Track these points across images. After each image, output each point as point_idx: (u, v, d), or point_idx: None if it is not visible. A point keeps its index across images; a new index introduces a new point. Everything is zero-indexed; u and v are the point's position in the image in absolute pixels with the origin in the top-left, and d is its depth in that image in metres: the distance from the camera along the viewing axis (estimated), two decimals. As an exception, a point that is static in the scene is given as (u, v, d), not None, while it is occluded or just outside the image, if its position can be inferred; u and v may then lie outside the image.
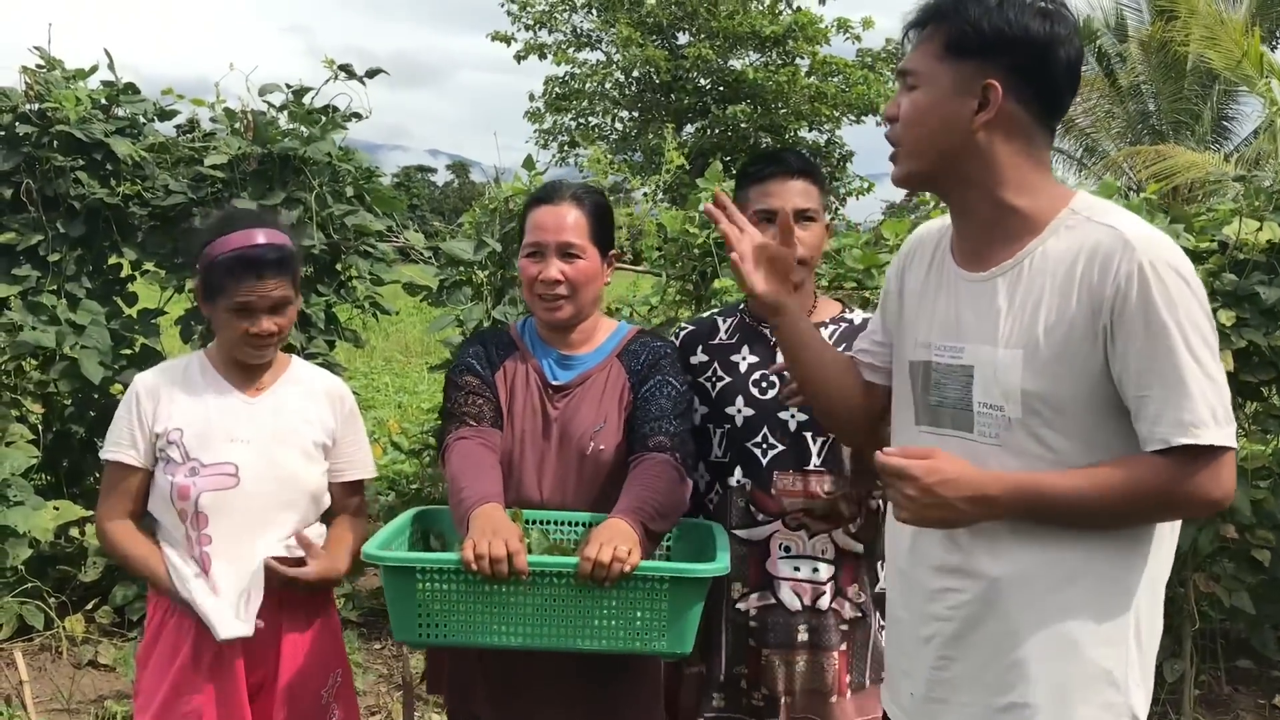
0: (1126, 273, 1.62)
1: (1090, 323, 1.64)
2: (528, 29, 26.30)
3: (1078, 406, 1.67)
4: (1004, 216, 1.76)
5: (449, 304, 4.27)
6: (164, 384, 2.40)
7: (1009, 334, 1.71)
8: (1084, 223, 1.71)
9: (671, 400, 2.33)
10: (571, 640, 2.02)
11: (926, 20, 1.78)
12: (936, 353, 1.82)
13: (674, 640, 2.02)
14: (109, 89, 4.58)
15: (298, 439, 2.41)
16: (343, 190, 4.58)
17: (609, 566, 1.93)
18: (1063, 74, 1.73)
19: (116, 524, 2.40)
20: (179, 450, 2.33)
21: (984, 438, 1.73)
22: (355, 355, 11.16)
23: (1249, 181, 4.05)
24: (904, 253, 2.04)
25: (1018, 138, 1.74)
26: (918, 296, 1.93)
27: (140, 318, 4.64)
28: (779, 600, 2.41)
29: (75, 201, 4.41)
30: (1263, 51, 12.16)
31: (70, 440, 4.80)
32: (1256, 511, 3.88)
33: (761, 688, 2.42)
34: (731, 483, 2.43)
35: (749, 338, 2.51)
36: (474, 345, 2.47)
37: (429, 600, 2.02)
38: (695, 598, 2.02)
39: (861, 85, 24.99)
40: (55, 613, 4.31)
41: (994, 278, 1.76)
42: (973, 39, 1.71)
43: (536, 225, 2.35)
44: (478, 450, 2.27)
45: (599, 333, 2.45)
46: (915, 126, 1.77)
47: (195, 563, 2.32)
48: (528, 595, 2.00)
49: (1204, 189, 12.43)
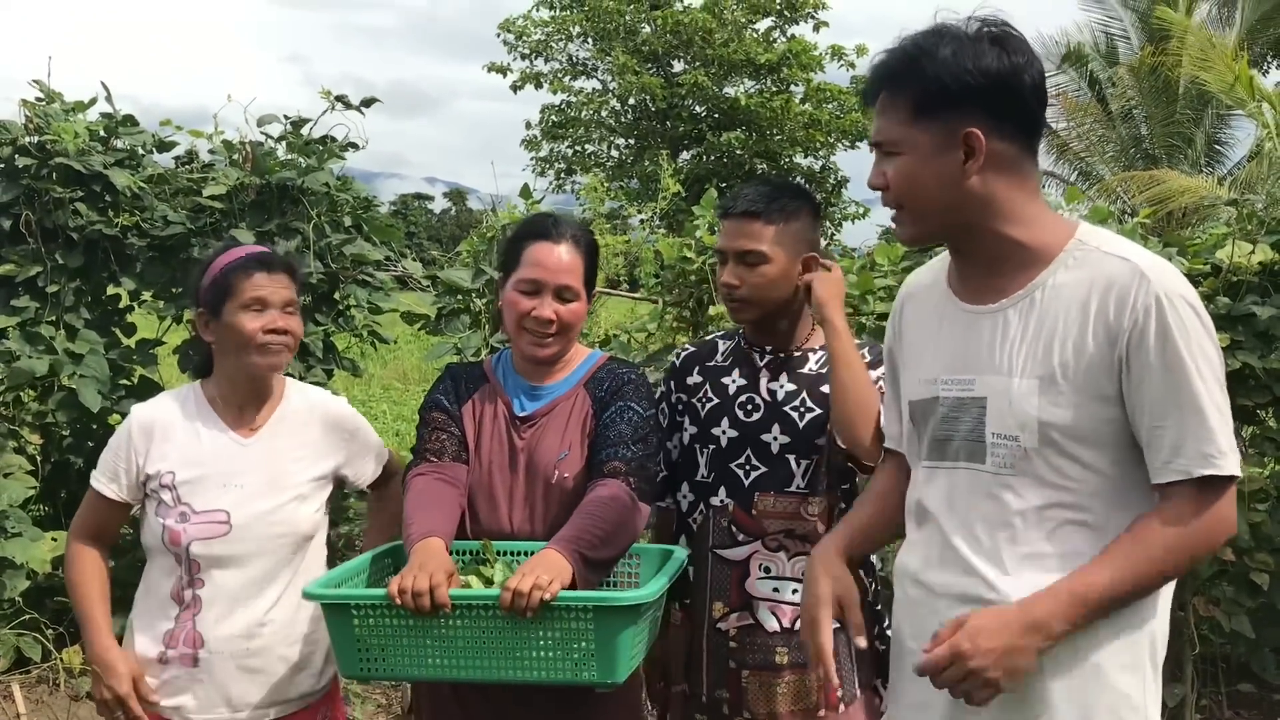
0: (1144, 305, 1.63)
1: (1107, 353, 1.66)
2: (524, 58, 26.49)
3: (1094, 437, 1.68)
4: (1010, 251, 1.77)
5: (447, 332, 4.29)
6: (158, 421, 2.38)
7: (1024, 364, 1.71)
8: (1093, 253, 1.72)
9: (631, 425, 2.33)
10: (505, 672, 2.02)
11: (882, 89, 1.78)
12: (944, 387, 1.82)
13: (603, 670, 2.00)
14: (108, 121, 4.60)
15: (291, 480, 2.39)
16: (341, 220, 4.59)
17: (528, 596, 1.93)
18: (1032, 97, 1.75)
19: (82, 548, 2.40)
20: (171, 494, 2.32)
21: (998, 468, 1.73)
22: (353, 384, 11.15)
23: (1241, 205, 4.07)
24: (896, 307, 2.04)
25: (1009, 171, 1.76)
26: (917, 336, 1.93)
27: (139, 348, 4.64)
28: (757, 620, 2.43)
29: (74, 232, 4.42)
30: (1252, 75, 12.23)
31: (68, 471, 4.78)
32: (1255, 535, 3.88)
33: (744, 711, 2.44)
34: (715, 502, 2.47)
35: (740, 360, 2.55)
36: (444, 381, 2.48)
37: (367, 635, 2.05)
38: (622, 626, 1.99)
39: (856, 112, 25.12)
40: (53, 644, 4.29)
41: (1004, 309, 1.77)
42: (938, 97, 1.71)
43: (536, 262, 2.35)
44: (432, 486, 2.29)
45: (572, 362, 2.47)
46: (910, 192, 1.78)
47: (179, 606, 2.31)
48: (460, 628, 2.01)
49: (1197, 213, 12.49)
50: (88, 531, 2.42)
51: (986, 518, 1.75)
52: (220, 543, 2.29)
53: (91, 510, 2.41)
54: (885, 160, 1.80)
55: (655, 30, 25.36)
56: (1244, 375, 3.80)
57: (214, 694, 2.30)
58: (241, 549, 2.31)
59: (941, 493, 1.83)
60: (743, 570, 2.45)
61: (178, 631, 2.31)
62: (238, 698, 2.31)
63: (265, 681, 2.33)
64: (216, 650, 2.30)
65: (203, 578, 2.30)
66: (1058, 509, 1.71)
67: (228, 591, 2.31)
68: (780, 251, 2.41)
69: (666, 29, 24.95)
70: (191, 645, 2.30)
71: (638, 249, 4.98)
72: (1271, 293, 3.83)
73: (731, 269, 2.43)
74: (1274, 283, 3.86)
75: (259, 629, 2.32)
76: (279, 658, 2.34)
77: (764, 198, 2.43)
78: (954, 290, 1.87)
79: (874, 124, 1.81)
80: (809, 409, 2.44)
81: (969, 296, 1.83)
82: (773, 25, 26.33)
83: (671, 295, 4.38)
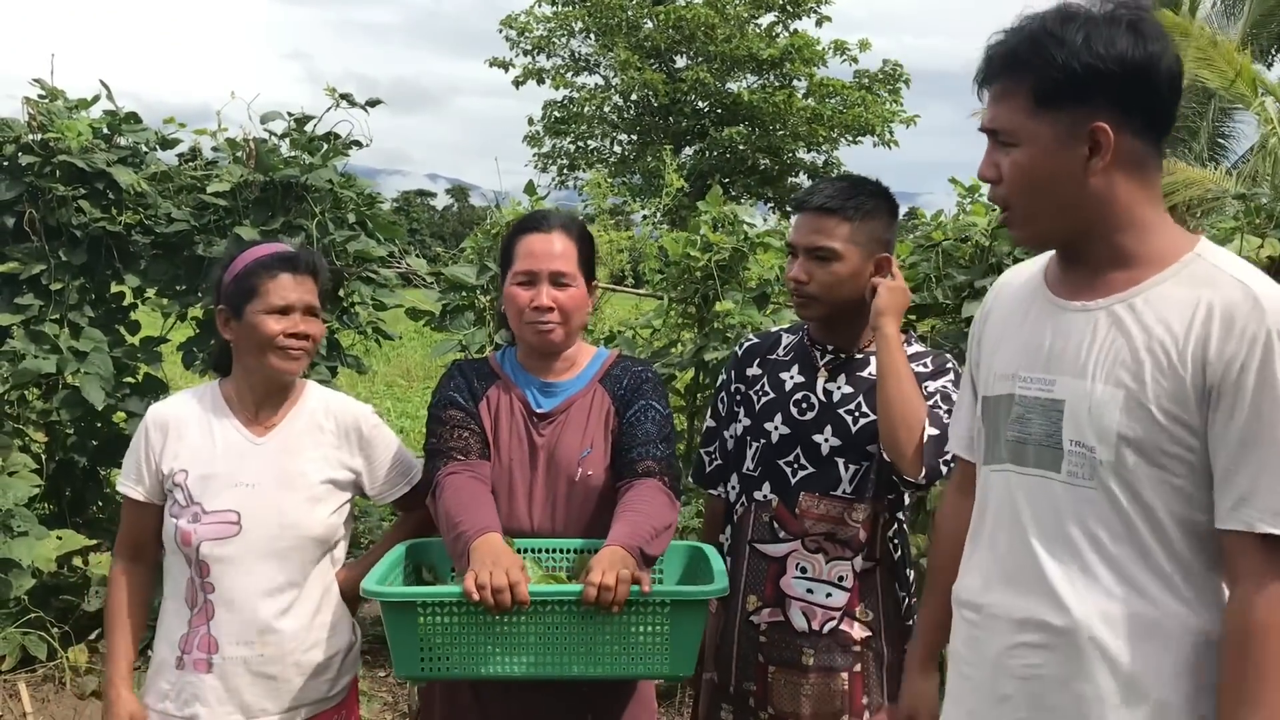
0: (1252, 336, 1.51)
1: (1200, 377, 1.54)
2: (526, 54, 26.47)
3: (1171, 460, 1.57)
4: (1125, 255, 1.64)
5: (452, 329, 4.28)
6: (174, 418, 2.36)
7: (1110, 370, 1.59)
8: (1211, 270, 1.59)
9: (656, 425, 2.34)
10: (574, 668, 2.01)
11: (1001, 73, 1.65)
12: (1022, 385, 1.70)
13: (677, 663, 2.02)
14: (111, 118, 4.60)
15: (304, 482, 2.34)
16: (344, 216, 4.59)
17: (615, 590, 1.93)
18: (1167, 89, 1.61)
19: (119, 573, 2.39)
20: (183, 493, 2.28)
21: (1072, 479, 1.63)
22: (357, 381, 11.15)
23: (1249, 199, 4.05)
24: (987, 300, 1.93)
25: (1135, 172, 1.62)
26: (1000, 329, 1.81)
27: (143, 346, 4.64)
28: (788, 618, 2.42)
29: (77, 230, 4.42)
30: (1255, 71, 12.22)
31: (73, 469, 4.79)
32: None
33: (769, 706, 2.43)
34: (758, 497, 2.46)
35: (800, 357, 2.51)
36: (454, 378, 2.45)
37: (430, 634, 2.01)
38: (696, 619, 2.02)
39: (859, 107, 25.11)
40: (58, 643, 4.29)
41: (1100, 309, 1.64)
42: (1066, 86, 1.57)
43: (528, 253, 2.34)
44: (469, 484, 2.26)
45: (580, 359, 2.45)
46: (1025, 189, 1.65)
47: (192, 609, 2.29)
48: (529, 624, 2.00)
49: (1203, 206, 12.46)
50: (126, 547, 2.39)
51: (1054, 531, 1.65)
52: (230, 543, 2.25)
53: (127, 522, 2.38)
54: (999, 151, 1.67)
55: (657, 25, 25.34)
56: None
57: (227, 700, 2.27)
58: (252, 550, 2.26)
59: (1007, 500, 1.72)
60: (779, 567, 2.43)
61: (191, 636, 2.28)
62: (252, 704, 2.27)
63: (280, 688, 2.29)
64: (230, 656, 2.26)
65: (213, 581, 2.26)
66: (1131, 530, 1.59)
67: (239, 595, 2.26)
68: (854, 250, 2.36)
69: (669, 24, 24.93)
70: (205, 650, 2.27)
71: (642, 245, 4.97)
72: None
73: (802, 264, 2.38)
74: (1282, 276, 3.84)
75: (272, 635, 2.28)
76: (294, 664, 2.30)
77: (841, 193, 2.37)
78: (1049, 284, 1.75)
79: (988, 109, 1.68)
80: (863, 414, 2.39)
81: (1065, 291, 1.71)
82: (775, 20, 26.32)
83: (676, 291, 4.37)
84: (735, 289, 4.19)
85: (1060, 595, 1.62)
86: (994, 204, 1.74)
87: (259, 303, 2.28)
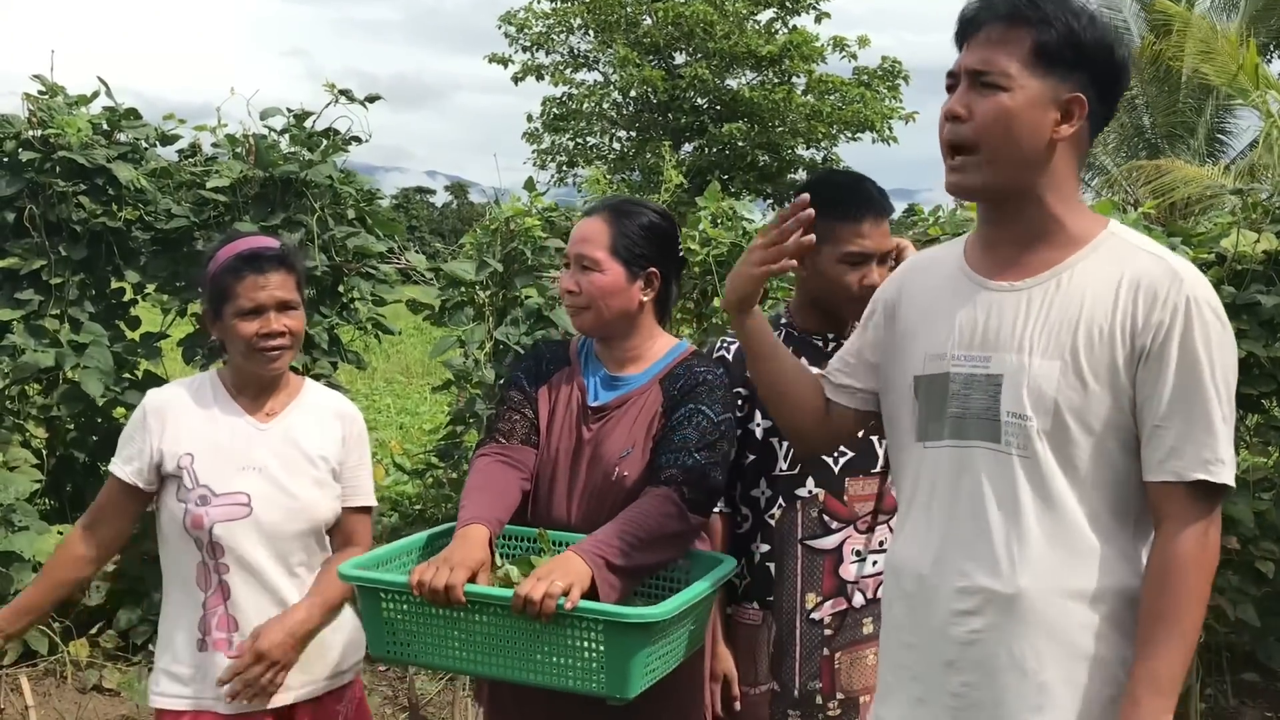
0: (1174, 304, 1.64)
1: (1129, 346, 1.66)
2: (525, 50, 26.40)
3: (1102, 427, 1.68)
4: (1051, 229, 1.75)
5: (451, 325, 4.29)
6: (173, 403, 2.38)
7: (1046, 344, 1.70)
8: (1124, 246, 1.73)
9: (699, 431, 2.24)
10: (517, 672, 2.01)
11: (1005, 20, 1.71)
12: (955, 364, 1.78)
13: (612, 683, 1.94)
14: (111, 114, 4.61)
15: (309, 467, 2.38)
16: (344, 213, 4.61)
17: (540, 603, 1.90)
18: (1121, 92, 1.78)
19: (71, 536, 2.38)
20: (189, 476, 2.30)
21: (1009, 448, 1.72)
22: (357, 377, 11.15)
23: (1246, 194, 4.07)
24: (900, 275, 2.01)
25: (1077, 152, 1.76)
26: (924, 311, 1.88)
27: (143, 341, 4.65)
28: (851, 605, 2.42)
29: (78, 226, 4.43)
30: (1258, 64, 12.21)
31: (74, 464, 4.80)
32: (1260, 524, 3.88)
33: (837, 693, 2.40)
34: (802, 494, 2.41)
35: (803, 349, 2.45)
36: (527, 360, 2.48)
37: (395, 620, 2.07)
38: (634, 642, 1.92)
39: (858, 103, 25.08)
40: (60, 637, 4.30)
41: (1029, 288, 1.75)
42: (1066, 51, 1.68)
43: (570, 237, 2.38)
44: (493, 468, 2.28)
45: (653, 352, 2.39)
46: (1000, 134, 1.70)
47: (206, 591, 2.30)
48: (480, 624, 2.00)
49: (1200, 203, 12.47)
50: (86, 518, 2.39)
51: (994, 499, 1.73)
52: (242, 525, 2.28)
53: (101, 496, 2.39)
54: (975, 92, 1.72)
55: (656, 22, 25.29)
56: (1248, 364, 3.81)
57: None
58: (263, 531, 2.30)
59: (945, 474, 1.79)
60: (836, 558, 2.41)
61: (209, 618, 2.31)
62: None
63: (300, 663, 2.33)
64: (250, 634, 2.29)
65: (227, 562, 2.29)
66: (1062, 495, 1.69)
67: (254, 574, 2.30)
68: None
69: (667, 21, 24.87)
70: (226, 630, 2.30)
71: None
72: (1276, 281, 3.84)
73: (877, 270, 2.37)
74: (1279, 271, 3.86)
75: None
76: (313, 640, 2.35)
77: (878, 194, 2.41)
78: (973, 266, 1.84)
79: (978, 51, 1.72)
80: None
81: (990, 273, 1.80)
82: (774, 17, 26.27)
83: (675, 287, 4.37)
84: (734, 284, 4.20)
85: (999, 561, 1.71)
86: (950, 141, 1.75)
87: (231, 306, 2.30)
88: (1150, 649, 1.64)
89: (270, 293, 2.29)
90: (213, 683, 2.29)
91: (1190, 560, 1.64)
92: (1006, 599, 1.70)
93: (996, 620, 1.71)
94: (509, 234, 4.32)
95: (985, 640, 1.73)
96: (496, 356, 4.24)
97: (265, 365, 2.33)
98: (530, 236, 4.28)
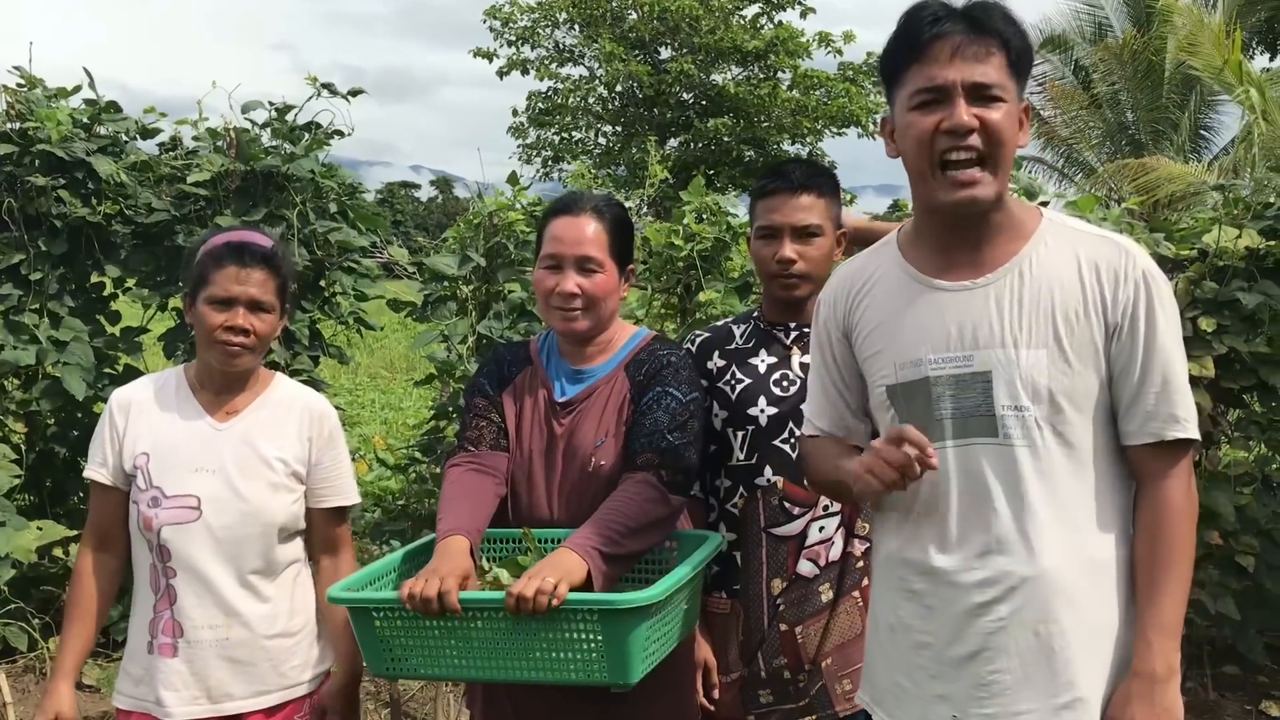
0: (1135, 280, 1.75)
1: (1104, 323, 1.75)
2: (510, 45, 26.33)
3: (1089, 403, 1.76)
4: (1005, 223, 1.82)
5: (434, 319, 4.27)
6: (137, 401, 2.34)
7: (1029, 335, 1.76)
8: (1064, 229, 1.83)
9: (669, 413, 2.26)
10: (520, 672, 2.02)
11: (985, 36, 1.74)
12: (934, 367, 1.80)
13: (614, 671, 1.97)
14: (91, 108, 4.57)
15: (264, 469, 2.31)
16: (326, 207, 4.58)
17: (532, 600, 1.91)
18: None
19: (82, 561, 2.35)
20: (143, 476, 2.27)
21: (1010, 440, 1.76)
22: (340, 372, 11.13)
23: (1228, 190, 4.08)
24: (834, 298, 1.99)
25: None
26: (880, 324, 1.89)
27: (123, 336, 4.62)
28: (798, 575, 2.41)
29: (57, 220, 4.39)
30: (1241, 60, 12.25)
31: (53, 460, 4.76)
32: (1240, 517, 3.90)
33: (804, 665, 2.40)
34: (761, 483, 2.44)
35: (764, 341, 2.54)
36: (488, 364, 2.46)
37: (390, 637, 2.06)
38: (631, 627, 1.95)
39: (843, 99, 25.10)
40: (39, 634, 4.27)
41: (992, 283, 1.79)
42: (1025, 64, 1.79)
43: (555, 236, 2.32)
44: (466, 477, 2.27)
45: (614, 343, 2.41)
46: (1009, 145, 1.77)
47: (155, 594, 2.28)
48: (476, 630, 2.01)
49: (1184, 200, 12.53)
50: (93, 535, 2.36)
51: (1001, 490, 1.76)
52: (190, 529, 2.24)
53: (93, 507, 2.36)
54: (984, 106, 1.74)
55: (642, 17, 25.25)
56: (1230, 360, 3.82)
57: (193, 684, 2.26)
58: (213, 535, 2.25)
59: (949, 472, 1.80)
60: (799, 542, 2.42)
61: (157, 621, 2.28)
62: (216, 688, 2.27)
63: (249, 672, 2.29)
64: (196, 640, 2.25)
65: (174, 566, 2.25)
66: (1064, 474, 1.76)
67: (200, 579, 2.25)
68: (829, 226, 2.47)
69: (653, 16, 24.84)
70: (171, 635, 2.26)
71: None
72: (1257, 277, 3.85)
73: (789, 244, 2.44)
74: (1260, 267, 3.87)
75: (239, 618, 2.28)
76: (261, 649, 2.30)
77: (809, 173, 2.47)
78: (920, 269, 1.86)
79: (964, 65, 1.72)
80: None
81: (941, 273, 1.84)
82: (759, 12, 26.26)
83: (660, 281, 4.37)
84: (718, 279, 4.20)
85: (1016, 548, 1.76)
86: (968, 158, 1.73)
87: (205, 291, 2.26)
88: (1153, 594, 1.74)
89: (246, 289, 2.25)
90: (157, 686, 2.26)
91: (1180, 509, 1.75)
92: (1029, 582, 1.75)
93: (1020, 604, 1.75)
94: (492, 228, 4.31)
95: (1010, 626, 1.76)
96: (480, 351, 4.23)
97: (223, 359, 2.28)
98: (513, 231, 4.27)
